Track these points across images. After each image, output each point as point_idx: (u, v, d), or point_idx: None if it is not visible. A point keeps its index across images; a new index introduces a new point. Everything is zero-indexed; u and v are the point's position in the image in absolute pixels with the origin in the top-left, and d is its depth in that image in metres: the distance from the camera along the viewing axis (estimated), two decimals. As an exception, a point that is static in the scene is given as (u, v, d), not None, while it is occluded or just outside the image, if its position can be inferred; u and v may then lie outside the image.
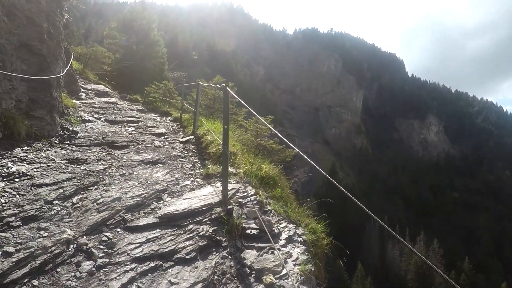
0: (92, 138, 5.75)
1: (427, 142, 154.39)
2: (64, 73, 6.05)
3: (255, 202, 4.16)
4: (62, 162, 4.25)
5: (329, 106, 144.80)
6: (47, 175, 3.73)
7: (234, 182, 4.53)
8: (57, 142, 5.09)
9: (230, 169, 5.23)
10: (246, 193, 4.32)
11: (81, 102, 8.45)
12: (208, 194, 4.19)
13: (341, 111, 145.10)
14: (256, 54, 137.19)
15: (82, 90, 9.53)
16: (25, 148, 4.24)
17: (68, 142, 5.29)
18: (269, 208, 4.22)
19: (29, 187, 3.37)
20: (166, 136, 7.46)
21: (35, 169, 3.76)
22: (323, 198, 5.41)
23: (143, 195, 3.88)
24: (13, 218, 2.80)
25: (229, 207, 3.81)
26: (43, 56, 4.93)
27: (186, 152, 6.26)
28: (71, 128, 5.73)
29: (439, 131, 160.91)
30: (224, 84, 4.07)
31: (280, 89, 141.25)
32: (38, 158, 4.08)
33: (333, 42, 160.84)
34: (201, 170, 5.23)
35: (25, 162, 3.83)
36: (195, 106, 7.59)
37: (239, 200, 4.10)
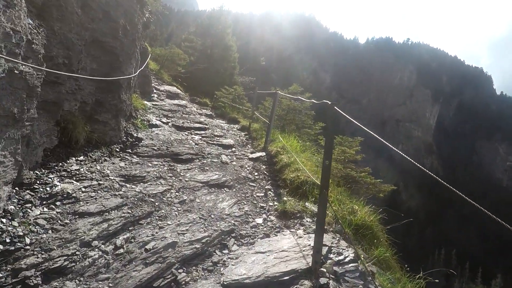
0: (155, 148, 5.10)
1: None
2: (136, 73, 5.59)
3: (357, 274, 2.83)
4: (117, 179, 3.54)
5: (398, 120, 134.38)
6: (95, 199, 3.00)
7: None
8: (118, 150, 4.52)
9: (312, 207, 3.99)
10: (341, 254, 3.05)
11: (152, 104, 8.17)
12: (288, 248, 3.04)
13: (411, 127, 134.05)
14: (324, 62, 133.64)
15: (154, 91, 9.39)
16: (81, 158, 3.66)
17: (129, 150, 4.69)
18: (376, 284, 2.84)
19: (69, 216, 2.65)
20: (234, 149, 6.57)
21: (83, 189, 3.07)
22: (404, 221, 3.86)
23: (204, 240, 2.91)
24: (33, 271, 1.99)
25: (321, 280, 2.57)
26: (115, 54, 4.41)
27: (256, 174, 5.22)
28: (135, 135, 5.18)
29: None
30: (327, 101, 2.86)
31: (345, 98, 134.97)
32: (91, 173, 3.43)
33: (408, 52, 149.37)
34: (276, 203, 4.11)
35: (74, 178, 3.18)
36: (270, 118, 6.56)
37: (334, 267, 2.82)
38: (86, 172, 3.39)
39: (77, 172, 3.30)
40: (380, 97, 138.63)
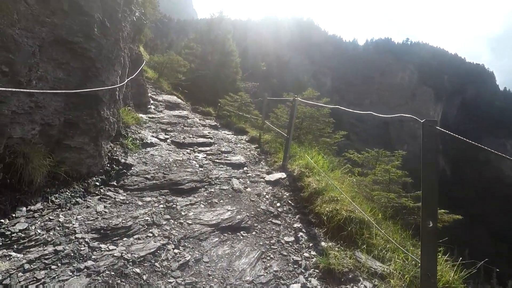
0: (149, 176, 3.98)
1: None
2: (124, 83, 4.51)
3: None
4: (87, 237, 2.41)
5: (401, 120, 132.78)
6: (42, 284, 1.85)
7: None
8: (98, 184, 3.40)
9: (368, 261, 2.84)
10: None
11: (148, 117, 7.08)
12: None
13: (415, 126, 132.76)
14: (324, 65, 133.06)
15: (151, 102, 8.32)
16: (36, 206, 2.54)
17: (114, 183, 3.57)
18: None
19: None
20: (245, 169, 5.44)
21: (27, 265, 1.93)
22: None
23: None
24: None
25: None
26: (90, 59, 3.33)
27: (278, 205, 4.08)
28: (123, 160, 4.06)
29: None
30: (420, 119, 1.78)
31: (347, 101, 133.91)
32: (47, 232, 2.30)
33: (408, 52, 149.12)
34: (314, 254, 2.98)
35: (15, 248, 2.05)
36: (288, 130, 5.42)
37: None
38: (39, 232, 2.27)
39: (23, 235, 2.18)
40: (381, 98, 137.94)
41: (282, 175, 5.03)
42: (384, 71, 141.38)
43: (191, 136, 6.77)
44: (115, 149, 4.23)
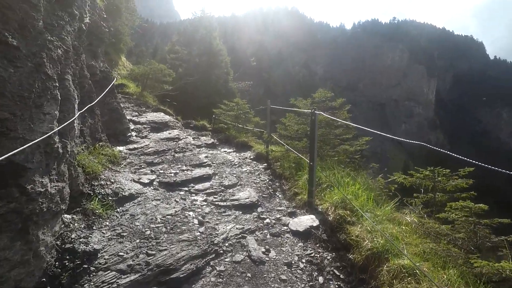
0: (124, 266, 2.61)
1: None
2: (71, 121, 3.10)
3: None
4: None
5: (396, 100, 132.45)
6: None
7: None
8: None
9: None
10: None
11: (129, 149, 5.67)
12: None
13: (410, 105, 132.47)
14: (314, 54, 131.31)
15: (133, 127, 6.87)
16: None
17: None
18: None
19: None
20: (260, 210, 4.10)
21: None
22: None
23: None
24: None
25: None
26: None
27: (321, 280, 2.74)
28: (82, 247, 2.68)
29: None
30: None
31: (341, 87, 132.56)
32: None
33: (397, 32, 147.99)
34: None
35: None
36: (310, 154, 4.03)
37: None
38: None
39: None
40: (374, 80, 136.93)
41: (313, 220, 3.67)
42: (374, 53, 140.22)
43: (184, 167, 5.38)
44: (71, 226, 2.85)
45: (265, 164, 6.41)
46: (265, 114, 7.47)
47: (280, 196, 4.74)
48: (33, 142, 2.10)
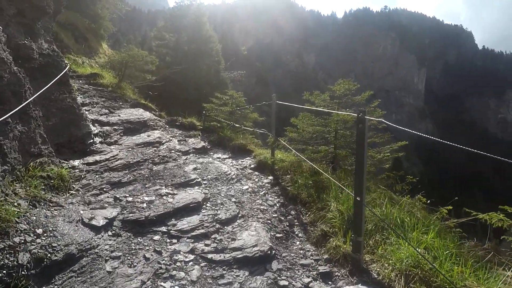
0: None
1: (507, 122, 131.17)
2: None
3: None
4: None
5: (387, 90, 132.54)
6: None
7: None
8: None
9: None
10: None
11: (87, 163, 4.12)
12: None
13: (401, 95, 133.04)
14: (306, 43, 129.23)
15: (97, 130, 5.22)
16: None
17: None
18: None
19: None
20: (276, 268, 2.69)
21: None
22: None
23: None
24: None
25: None
26: None
27: None
28: None
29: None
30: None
31: (333, 77, 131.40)
32: None
33: (388, 20, 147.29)
34: None
35: None
36: (359, 186, 2.55)
37: None
38: None
39: None
40: (366, 70, 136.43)
41: (369, 294, 2.25)
42: (366, 42, 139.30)
43: (164, 190, 3.88)
44: None
45: (271, 178, 4.97)
46: (263, 110, 6.00)
47: (301, 235, 3.31)
48: None
